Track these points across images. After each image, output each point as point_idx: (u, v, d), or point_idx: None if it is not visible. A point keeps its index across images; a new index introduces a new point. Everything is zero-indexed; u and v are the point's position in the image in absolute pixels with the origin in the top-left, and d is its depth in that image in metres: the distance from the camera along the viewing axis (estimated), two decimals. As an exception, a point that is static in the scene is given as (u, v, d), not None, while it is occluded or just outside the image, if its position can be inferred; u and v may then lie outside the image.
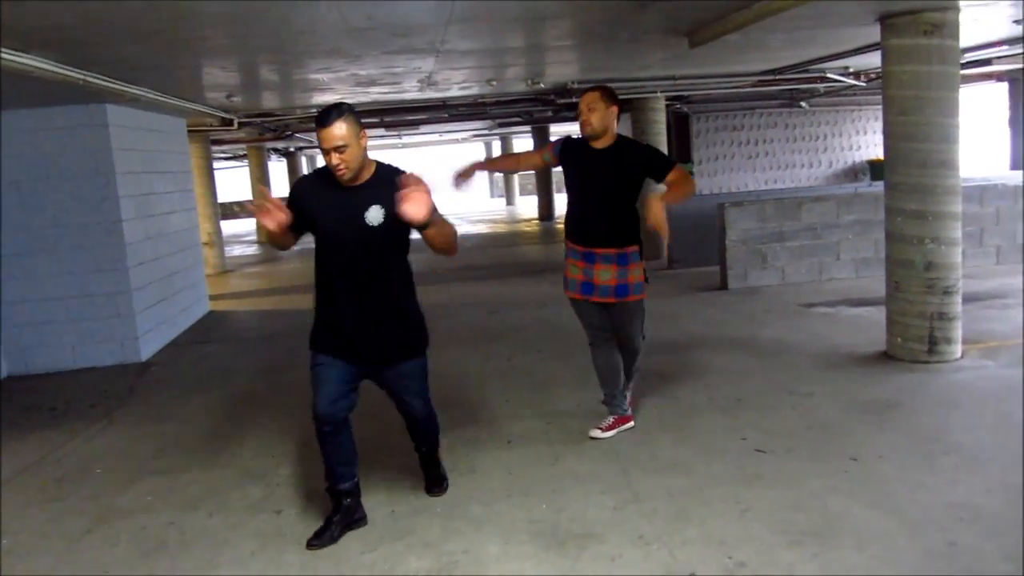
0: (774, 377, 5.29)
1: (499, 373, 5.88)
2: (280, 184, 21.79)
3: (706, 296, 8.23)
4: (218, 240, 13.59)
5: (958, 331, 5.35)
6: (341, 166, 3.13)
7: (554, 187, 19.85)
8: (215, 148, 17.93)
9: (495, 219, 21.11)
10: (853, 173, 14.24)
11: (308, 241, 3.42)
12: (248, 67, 6.69)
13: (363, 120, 3.29)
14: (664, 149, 11.15)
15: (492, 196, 28.64)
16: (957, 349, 5.36)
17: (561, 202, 19.42)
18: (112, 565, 3.40)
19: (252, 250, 18.03)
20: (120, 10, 4.08)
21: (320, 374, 3.37)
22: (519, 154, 4.77)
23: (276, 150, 21.63)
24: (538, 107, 12.65)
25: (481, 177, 4.71)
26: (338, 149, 3.10)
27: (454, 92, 9.56)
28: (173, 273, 8.31)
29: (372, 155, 3.34)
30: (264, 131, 13.86)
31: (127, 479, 4.38)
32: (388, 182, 3.18)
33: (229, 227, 25.36)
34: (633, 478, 3.85)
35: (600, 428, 4.43)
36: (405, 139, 22.73)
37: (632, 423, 4.52)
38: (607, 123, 4.09)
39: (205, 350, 7.63)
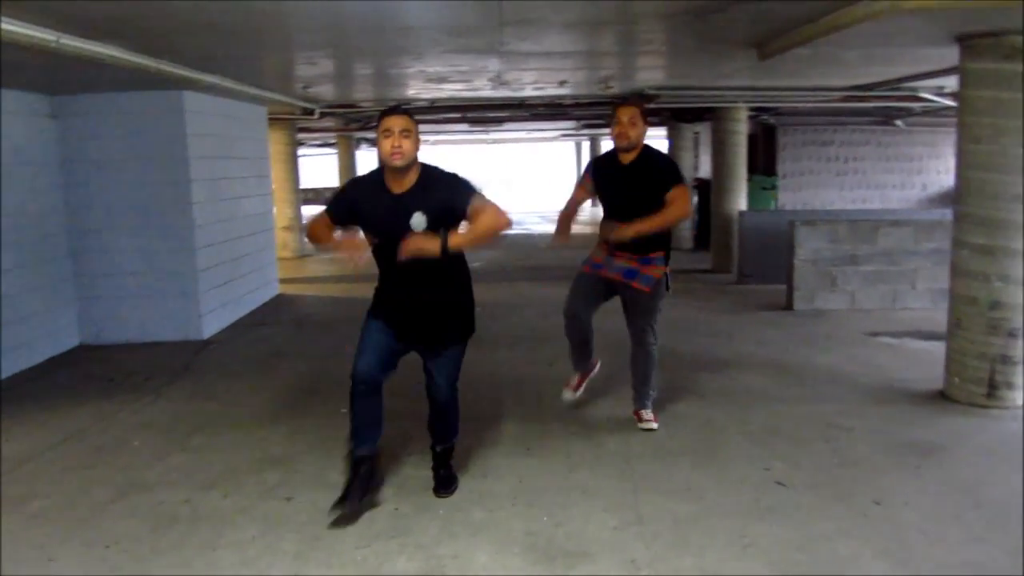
0: (817, 407, 5.09)
1: (537, 378, 5.84)
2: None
3: (768, 316, 7.99)
4: (298, 225, 13.95)
5: (1020, 376, 5.02)
6: (398, 151, 3.34)
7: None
8: (305, 135, 18.47)
9: (582, 220, 20.92)
10: (949, 197, 13.57)
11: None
12: (322, 62, 6.83)
13: (445, 115, 3.53)
14: (743, 161, 10.87)
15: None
16: (1018, 396, 5.04)
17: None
18: (123, 537, 3.53)
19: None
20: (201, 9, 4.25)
21: (368, 336, 3.64)
22: (573, 197, 4.84)
23: (366, 140, 22.10)
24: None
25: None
26: (404, 132, 3.35)
27: (529, 92, 9.55)
28: (242, 256, 8.58)
29: (461, 152, 3.52)
30: (349, 122, 14.18)
31: (159, 454, 4.55)
32: (430, 186, 3.46)
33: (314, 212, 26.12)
34: (642, 499, 3.77)
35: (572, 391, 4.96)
36: (494, 135, 22.88)
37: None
38: (641, 139, 4.38)
39: (265, 332, 7.85)
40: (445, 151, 31.97)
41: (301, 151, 25.37)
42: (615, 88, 8.88)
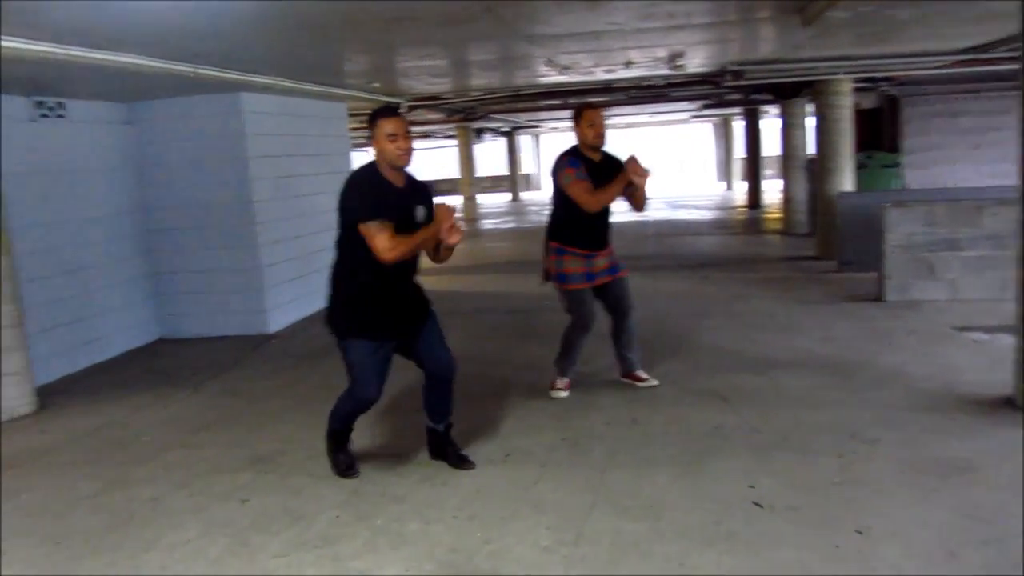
0: (851, 414, 4.54)
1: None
2: (487, 163, 22.21)
3: (852, 307, 7.27)
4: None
5: (1097, 383, 4.27)
6: (406, 152, 3.59)
7: (762, 172, 18.62)
8: (425, 128, 18.80)
9: (702, 205, 20.17)
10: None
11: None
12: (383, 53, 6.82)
13: (543, 102, 3.76)
14: (848, 138, 9.98)
15: (719, 179, 27.42)
16: (1096, 405, 4.29)
17: (770, 188, 18.25)
18: (77, 533, 3.63)
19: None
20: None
21: (368, 359, 3.73)
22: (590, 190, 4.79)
23: (488, 129, 22.23)
24: (715, 89, 11.88)
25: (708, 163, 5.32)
26: (408, 135, 3.60)
27: (600, 75, 9.19)
28: (317, 251, 8.73)
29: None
30: (451, 113, 14.24)
31: (158, 450, 4.67)
32: (417, 186, 3.80)
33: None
34: (595, 516, 3.47)
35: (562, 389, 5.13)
36: (614, 120, 22.37)
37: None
38: None
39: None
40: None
41: (423, 144, 26.07)
42: (686, 66, 8.36)
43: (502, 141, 25.03)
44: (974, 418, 4.40)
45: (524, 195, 27.27)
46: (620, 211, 5.09)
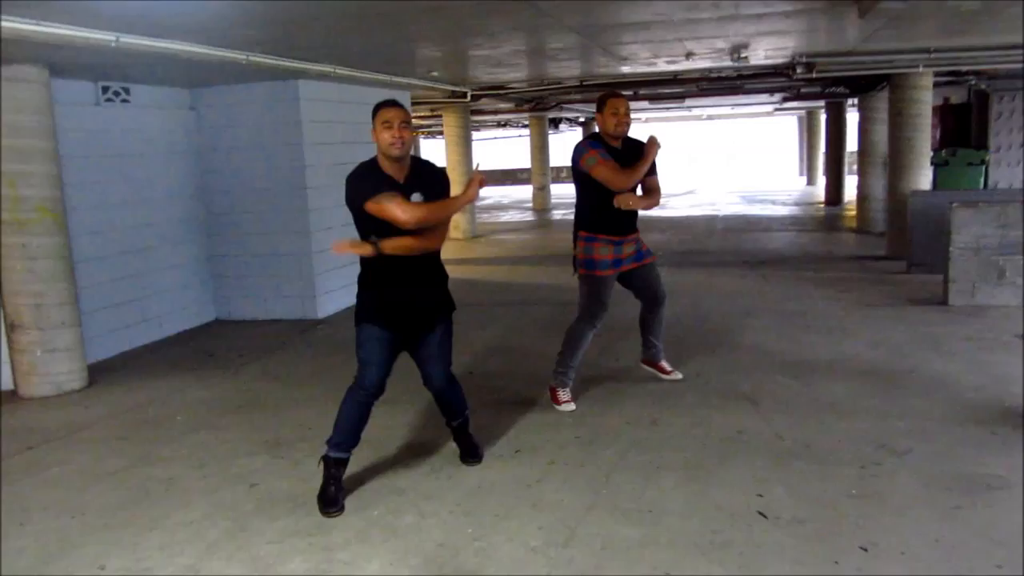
0: (884, 424, 4.32)
1: (593, 377, 5.47)
2: (559, 153, 22.02)
3: (913, 311, 6.93)
4: (469, 206, 14.23)
5: None
6: (400, 141, 3.50)
7: (846, 168, 17.94)
8: (496, 117, 18.81)
9: (780, 200, 19.57)
10: None
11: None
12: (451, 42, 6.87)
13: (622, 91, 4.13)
14: (926, 135, 9.51)
15: (801, 174, 26.57)
16: None
17: (852, 184, 17.51)
18: (93, 508, 3.75)
19: (518, 217, 18.63)
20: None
21: (373, 346, 3.66)
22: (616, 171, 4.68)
23: (567, 119, 22.07)
24: (788, 82, 11.49)
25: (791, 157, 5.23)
26: (405, 123, 3.56)
27: (662, 67, 9.00)
28: (371, 238, 8.86)
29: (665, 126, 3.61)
30: (521, 102, 14.19)
31: (186, 431, 4.80)
32: (424, 175, 3.68)
33: (512, 192, 26.64)
34: (590, 519, 3.40)
35: (569, 400, 4.84)
36: (695, 111, 21.95)
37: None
38: None
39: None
40: (659, 128, 31.26)
41: (494, 133, 26.08)
42: (748, 58, 8.09)
43: (579, 131, 24.81)
44: (1018, 433, 4.12)
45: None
46: (667, 208, 5.00)
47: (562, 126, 22.42)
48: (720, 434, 4.28)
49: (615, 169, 4.56)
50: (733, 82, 11.66)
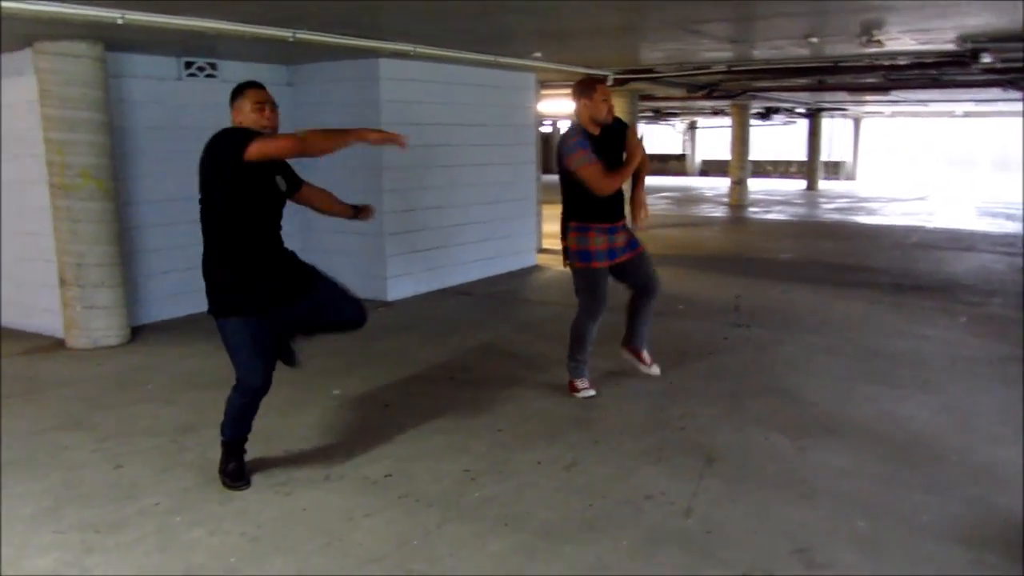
0: (835, 524, 3.37)
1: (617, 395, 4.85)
2: (782, 147, 20.31)
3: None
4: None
5: None
6: (271, 124, 3.59)
7: None
8: (704, 104, 17.82)
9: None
10: None
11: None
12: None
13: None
14: None
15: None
16: None
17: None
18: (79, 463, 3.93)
19: (707, 211, 17.47)
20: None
21: (256, 343, 3.53)
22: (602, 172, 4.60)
23: (785, 111, 20.37)
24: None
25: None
26: (274, 105, 3.67)
27: (771, 53, 7.86)
28: (460, 224, 8.61)
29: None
30: (693, 89, 13.21)
31: (203, 401, 4.74)
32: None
33: (707, 183, 25.11)
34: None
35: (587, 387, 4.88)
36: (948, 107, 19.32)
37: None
38: None
39: (456, 301, 7.83)
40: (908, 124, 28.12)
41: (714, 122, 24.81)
42: (882, 41, 6.79)
43: (804, 124, 22.81)
44: None
45: (828, 184, 24.77)
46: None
47: (776, 117, 20.67)
48: (623, 495, 3.57)
49: (601, 174, 4.51)
50: (928, 68, 9.94)
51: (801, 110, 20.74)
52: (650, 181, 5.49)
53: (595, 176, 4.48)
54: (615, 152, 4.63)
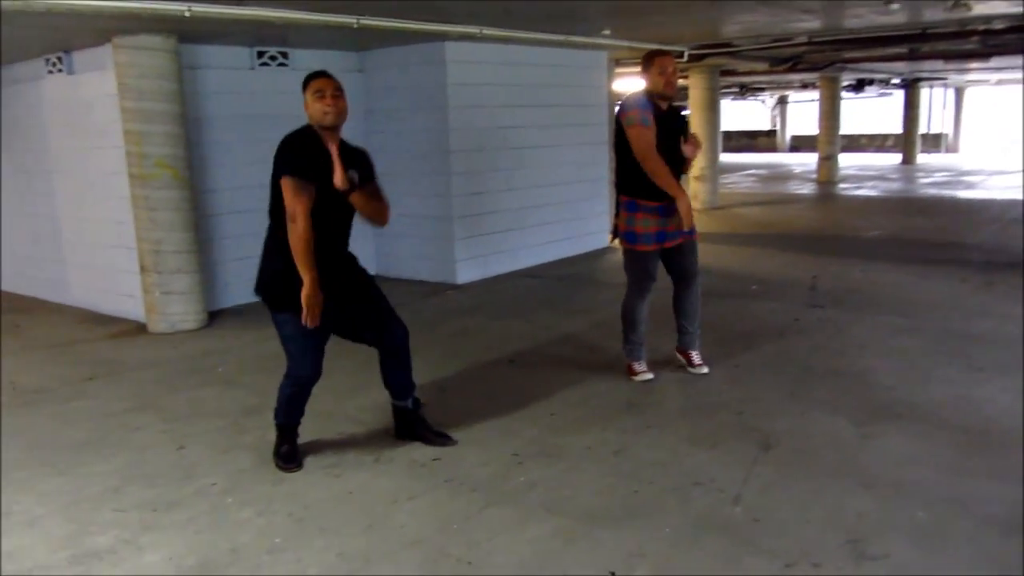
0: (888, 515, 3.22)
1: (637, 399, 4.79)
2: (858, 119, 19.44)
3: None
4: (711, 175, 13.22)
5: None
6: (333, 110, 3.50)
7: None
8: (792, 78, 17.25)
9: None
10: None
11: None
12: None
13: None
14: None
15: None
16: None
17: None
18: (70, 445, 4.12)
19: (784, 188, 16.88)
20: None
21: (308, 335, 3.57)
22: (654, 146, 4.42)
23: (880, 82, 19.47)
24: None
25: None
26: (338, 92, 3.56)
27: (853, 22, 7.46)
28: (532, 206, 8.56)
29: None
30: (776, 63, 12.76)
31: (269, 384, 4.55)
32: (351, 150, 3.65)
33: (796, 159, 24.21)
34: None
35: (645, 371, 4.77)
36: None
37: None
38: None
39: (524, 286, 7.81)
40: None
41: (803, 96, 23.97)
42: (970, 7, 6.38)
43: (900, 95, 21.75)
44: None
45: (926, 158, 23.58)
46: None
47: (870, 88, 19.76)
48: (671, 481, 3.50)
49: (650, 143, 4.33)
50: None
51: (896, 81, 19.80)
52: (736, 158, 5.36)
53: (642, 139, 4.31)
54: (671, 139, 4.45)
